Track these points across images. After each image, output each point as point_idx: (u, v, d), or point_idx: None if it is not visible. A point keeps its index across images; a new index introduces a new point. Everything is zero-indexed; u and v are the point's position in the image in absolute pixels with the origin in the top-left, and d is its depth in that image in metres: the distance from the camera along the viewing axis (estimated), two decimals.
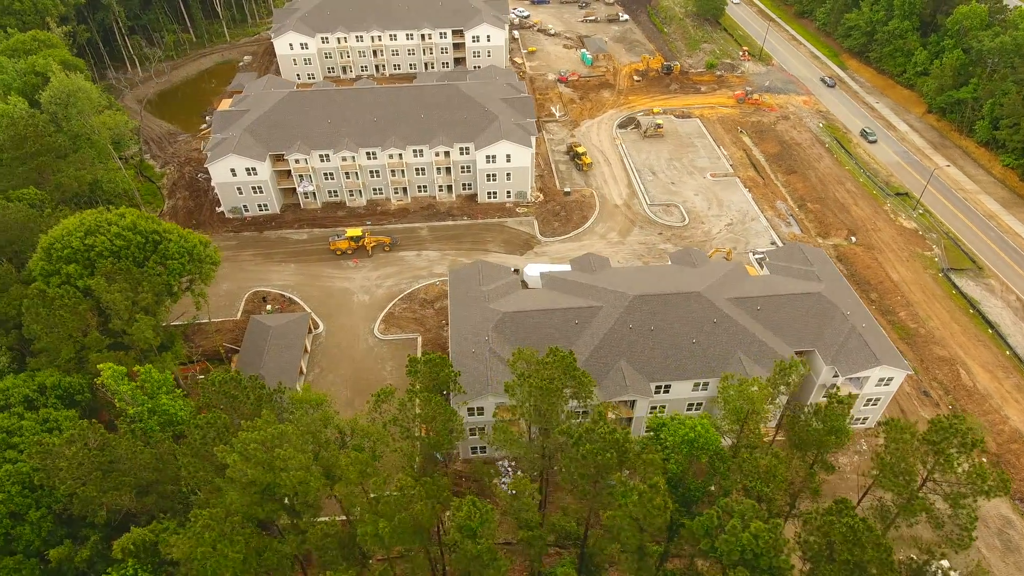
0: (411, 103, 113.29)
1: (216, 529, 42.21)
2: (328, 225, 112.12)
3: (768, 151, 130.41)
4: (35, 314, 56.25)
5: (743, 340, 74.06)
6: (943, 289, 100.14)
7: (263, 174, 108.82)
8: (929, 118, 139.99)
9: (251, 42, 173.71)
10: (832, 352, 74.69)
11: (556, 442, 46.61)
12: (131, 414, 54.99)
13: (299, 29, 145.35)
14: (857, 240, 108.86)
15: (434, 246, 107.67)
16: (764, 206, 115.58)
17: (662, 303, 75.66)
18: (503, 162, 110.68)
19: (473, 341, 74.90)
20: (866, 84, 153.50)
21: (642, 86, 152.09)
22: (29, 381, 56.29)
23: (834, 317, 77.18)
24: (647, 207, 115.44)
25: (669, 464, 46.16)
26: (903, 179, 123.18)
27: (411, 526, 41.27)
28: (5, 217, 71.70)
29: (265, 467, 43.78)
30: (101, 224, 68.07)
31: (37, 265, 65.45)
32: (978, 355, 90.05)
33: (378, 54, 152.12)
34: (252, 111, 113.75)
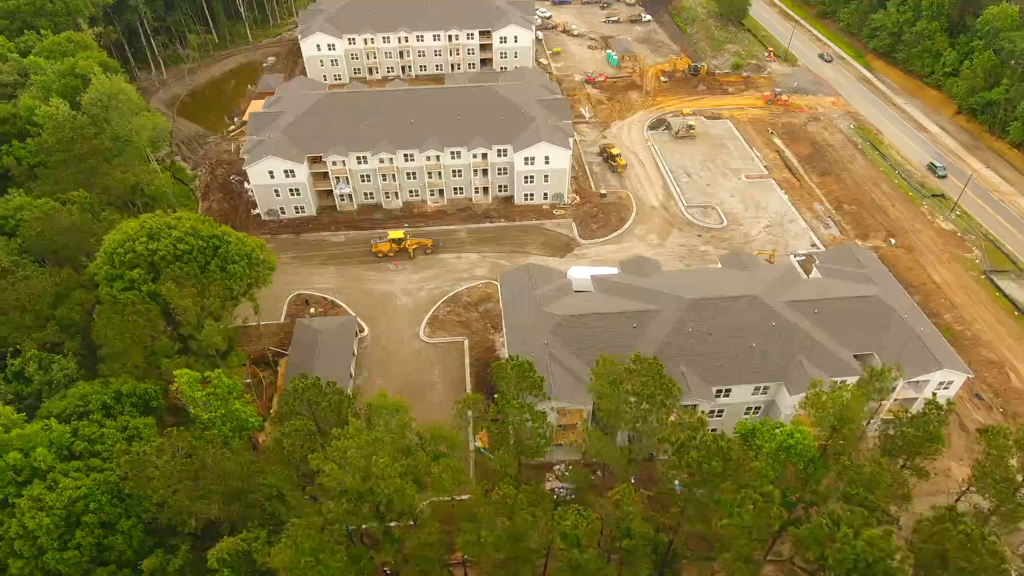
0: (447, 105, 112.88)
1: (315, 539, 41.80)
2: (365, 227, 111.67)
3: (800, 152, 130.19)
4: (107, 320, 55.74)
5: (803, 344, 73.77)
6: (986, 291, 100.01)
7: (301, 176, 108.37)
8: (959, 119, 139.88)
9: (273, 43, 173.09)
10: (892, 356, 74.22)
11: (647, 449, 46.23)
12: (205, 420, 54.54)
13: (326, 30, 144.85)
14: (896, 242, 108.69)
15: (473, 248, 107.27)
16: (801, 208, 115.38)
17: (720, 307, 75.34)
18: (541, 164, 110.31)
19: (531, 345, 74.49)
20: (893, 85, 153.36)
21: (669, 87, 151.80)
22: (105, 388, 55.74)
23: (892, 320, 76.90)
24: (684, 209, 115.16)
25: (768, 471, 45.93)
26: (937, 181, 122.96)
27: (513, 535, 40.89)
28: (61, 221, 71.13)
29: (363, 476, 43.38)
30: (162, 228, 67.58)
31: (101, 269, 64.93)
32: (1009, 351, 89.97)
33: (404, 55, 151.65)
34: (287, 113, 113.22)
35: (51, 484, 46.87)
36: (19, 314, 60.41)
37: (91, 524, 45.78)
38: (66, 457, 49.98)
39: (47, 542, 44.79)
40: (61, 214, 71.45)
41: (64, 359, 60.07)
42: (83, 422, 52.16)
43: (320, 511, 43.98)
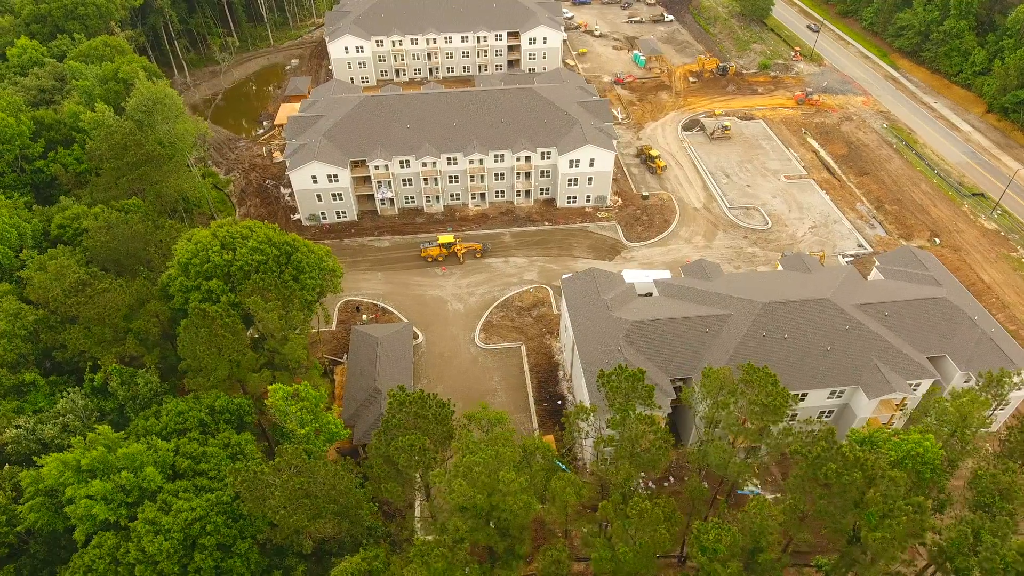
0: (489, 107, 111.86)
1: (447, 557, 40.88)
2: (408, 232, 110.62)
3: (836, 152, 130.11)
4: (195, 333, 54.51)
5: (877, 347, 73.38)
6: None
7: (344, 181, 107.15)
8: (990, 117, 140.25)
9: (295, 45, 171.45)
10: (965, 357, 74.22)
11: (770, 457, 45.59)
12: (301, 435, 53.44)
13: (354, 32, 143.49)
14: (941, 242, 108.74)
15: (520, 252, 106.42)
16: (844, 208, 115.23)
17: (792, 310, 74.83)
18: (586, 166, 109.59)
19: (604, 351, 73.77)
20: (920, 84, 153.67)
21: (698, 87, 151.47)
22: (198, 404, 54.47)
23: (961, 321, 76.70)
24: (727, 210, 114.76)
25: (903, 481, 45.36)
26: (974, 179, 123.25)
27: (653, 550, 40.16)
28: (124, 231, 69.67)
29: (489, 491, 42.49)
30: (236, 238, 66.31)
31: (175, 280, 63.58)
32: None
33: (432, 57, 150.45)
34: (326, 117, 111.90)
35: (163, 506, 45.60)
36: (98, 327, 59.02)
37: (209, 547, 44.52)
38: (170, 476, 48.73)
39: (168, 567, 43.46)
40: (123, 224, 70.00)
41: (147, 373, 58.71)
42: (183, 439, 50.88)
43: (446, 528, 43.04)
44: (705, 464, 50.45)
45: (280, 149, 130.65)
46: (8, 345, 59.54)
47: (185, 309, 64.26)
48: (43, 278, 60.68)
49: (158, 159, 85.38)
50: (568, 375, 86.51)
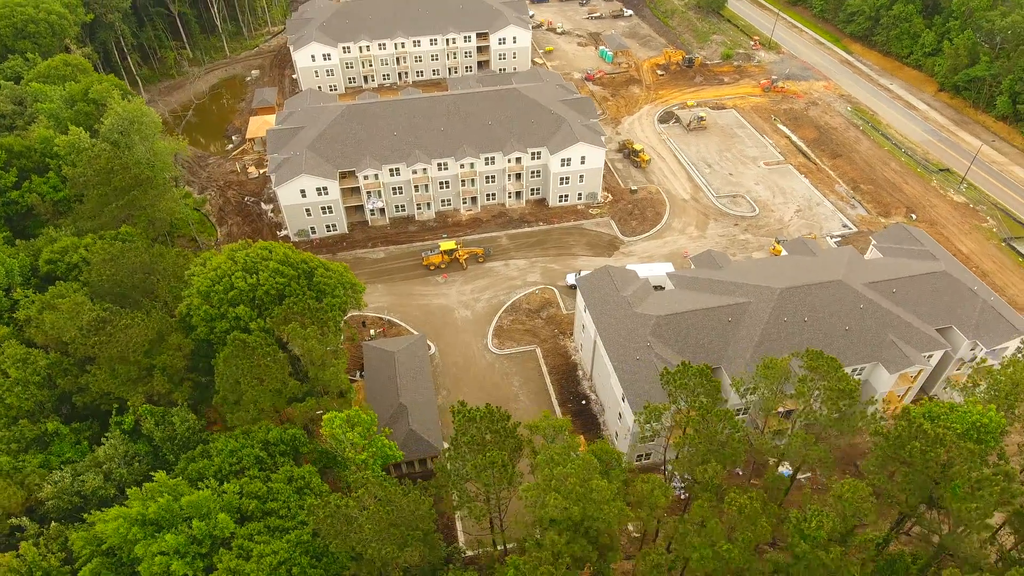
0: (475, 110, 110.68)
1: (552, 573, 40.06)
2: (402, 241, 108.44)
3: (807, 137, 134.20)
4: (236, 364, 51.71)
5: (891, 323, 75.99)
6: (1010, 257, 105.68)
7: (334, 193, 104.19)
8: (942, 96, 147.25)
9: (253, 55, 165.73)
10: (971, 327, 77.59)
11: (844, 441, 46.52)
12: (359, 461, 51.48)
13: (320, 40, 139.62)
14: (917, 217, 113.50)
15: (519, 254, 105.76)
16: (824, 190, 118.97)
17: (809, 294, 76.70)
18: (577, 164, 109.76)
19: (632, 348, 74.00)
20: (874, 67, 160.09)
21: (667, 80, 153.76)
22: (248, 439, 51.54)
23: (963, 293, 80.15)
24: (715, 199, 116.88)
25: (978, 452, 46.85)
26: (938, 155, 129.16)
27: (754, 543, 40.33)
28: (130, 262, 65.67)
29: (582, 502, 41.86)
30: (256, 260, 63.39)
31: (199, 310, 60.26)
32: None
33: (401, 61, 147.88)
34: (308, 128, 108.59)
35: (241, 552, 42.91)
36: (122, 366, 55.35)
37: None
38: (238, 520, 45.92)
39: None
40: (128, 254, 65.98)
41: (183, 411, 55.38)
42: (244, 479, 48.11)
43: (541, 543, 42.13)
44: (778, 454, 51.07)
45: (255, 164, 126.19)
46: (23, 393, 55.25)
47: (210, 339, 61.08)
48: (55, 318, 56.54)
49: (146, 182, 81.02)
50: (588, 375, 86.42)
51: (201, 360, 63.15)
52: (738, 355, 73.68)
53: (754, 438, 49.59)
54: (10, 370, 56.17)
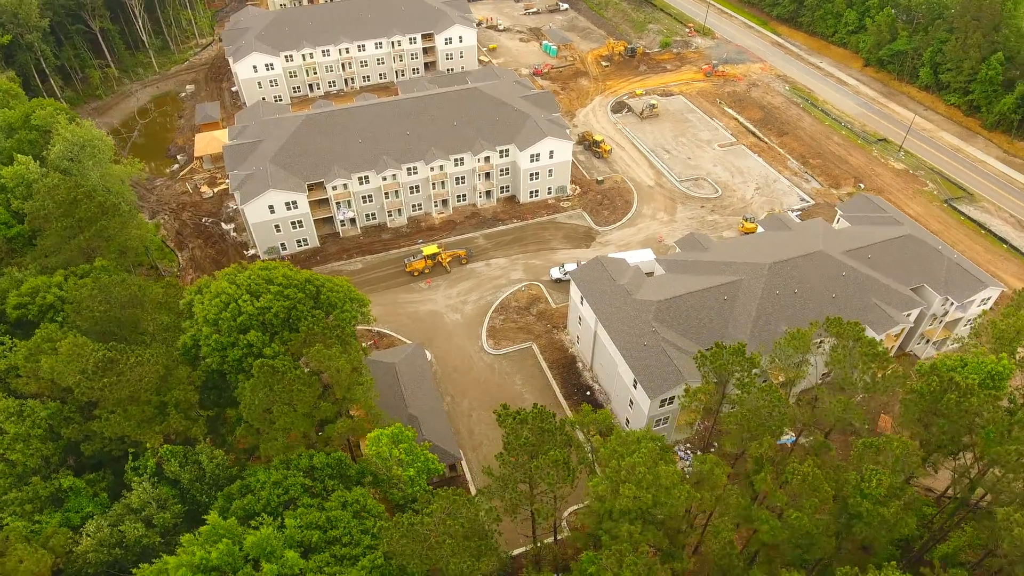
0: (439, 111, 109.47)
1: (636, 563, 40.36)
2: (377, 250, 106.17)
3: (753, 117, 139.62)
4: (266, 392, 49.26)
5: (872, 287, 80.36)
6: (953, 217, 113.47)
7: (303, 207, 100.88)
8: (868, 71, 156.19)
9: (184, 69, 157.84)
10: (941, 284, 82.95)
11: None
12: (408, 477, 50.19)
13: (261, 50, 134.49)
14: (865, 186, 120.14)
15: (499, 253, 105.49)
16: (778, 167, 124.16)
17: (795, 266, 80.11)
18: (546, 159, 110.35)
19: (638, 334, 75.28)
20: (803, 47, 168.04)
21: (612, 71, 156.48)
22: (293, 469, 48.94)
23: (930, 253, 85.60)
24: (678, 184, 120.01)
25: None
26: (874, 127, 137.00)
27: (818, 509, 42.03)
28: (121, 296, 61.51)
29: (653, 488, 42.38)
30: (258, 282, 60.59)
31: (210, 339, 57.01)
32: (1005, 267, 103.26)
33: (347, 67, 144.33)
34: (267, 141, 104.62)
35: None
36: (135, 407, 51.75)
37: None
38: (303, 553, 43.60)
39: None
40: (117, 288, 61.78)
41: (209, 448, 52.22)
42: (299, 510, 45.78)
43: (616, 535, 42.32)
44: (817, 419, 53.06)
45: (208, 183, 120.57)
46: (27, 450, 50.81)
47: (222, 370, 58.01)
48: (54, 363, 52.27)
49: (112, 210, 76.12)
50: (589, 365, 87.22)
51: (209, 392, 59.96)
52: (738, 331, 76.15)
53: (792, 408, 51.41)
54: (7, 426, 51.62)
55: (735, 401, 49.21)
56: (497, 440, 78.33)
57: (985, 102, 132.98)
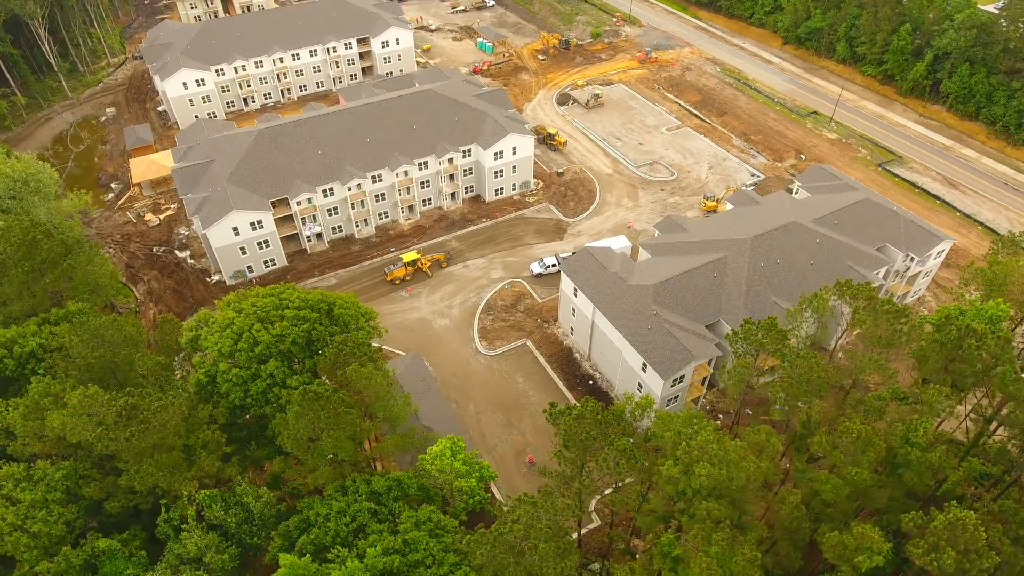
0: (397, 116, 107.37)
1: (723, 540, 41.39)
2: (348, 263, 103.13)
3: (691, 100, 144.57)
4: (312, 421, 46.93)
5: (844, 251, 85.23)
6: (889, 179, 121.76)
7: (269, 225, 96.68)
8: (787, 48, 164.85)
9: (99, 92, 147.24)
10: (902, 242, 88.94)
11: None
12: (469, 488, 49.23)
13: (190, 65, 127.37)
14: (806, 157, 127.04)
15: (475, 254, 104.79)
16: (725, 146, 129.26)
17: (774, 238, 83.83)
18: (510, 156, 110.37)
19: (640, 318, 76.80)
20: (724, 29, 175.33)
21: (549, 64, 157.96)
22: (356, 496, 46.53)
23: (887, 214, 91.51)
24: (635, 169, 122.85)
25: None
26: (803, 101, 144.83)
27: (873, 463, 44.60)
28: (114, 338, 56.96)
29: (725, 464, 43.57)
30: (268, 309, 57.60)
31: (230, 373, 53.63)
32: (942, 221, 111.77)
33: (282, 77, 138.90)
34: (219, 160, 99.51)
35: None
36: (165, 455, 48.02)
37: None
38: None
39: None
40: (111, 329, 57.19)
41: (250, 487, 49.05)
42: (372, 537, 43.63)
43: (694, 515, 43.18)
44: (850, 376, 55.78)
45: (152, 210, 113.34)
46: (49, 517, 46.16)
47: (245, 404, 54.87)
48: (65, 418, 47.77)
49: (76, 247, 70.48)
50: (587, 355, 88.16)
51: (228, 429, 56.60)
52: (732, 306, 79.07)
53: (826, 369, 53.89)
54: (20, 494, 46.80)
55: (776, 371, 51.01)
56: (511, 441, 78.57)
57: (898, 71, 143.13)
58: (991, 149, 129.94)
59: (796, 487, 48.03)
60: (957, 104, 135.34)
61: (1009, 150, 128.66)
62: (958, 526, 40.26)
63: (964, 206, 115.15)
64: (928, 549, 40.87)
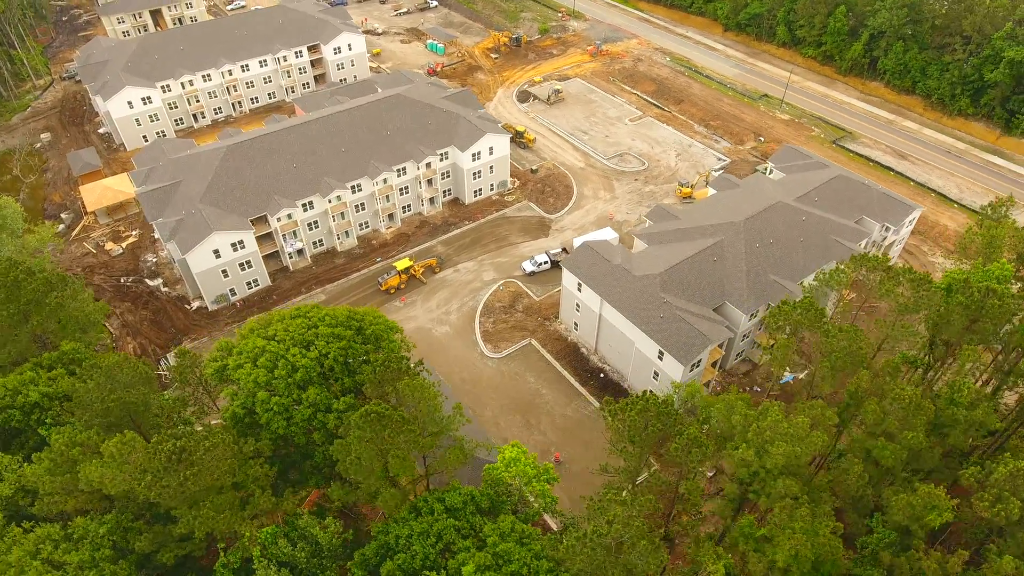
0: (369, 123, 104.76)
1: (803, 515, 42.46)
2: (336, 277, 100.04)
3: (647, 90, 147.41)
4: (376, 445, 44.96)
5: (828, 226, 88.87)
6: (844, 155, 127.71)
7: (251, 245, 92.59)
8: (729, 35, 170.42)
9: (28, 117, 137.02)
10: (879, 213, 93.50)
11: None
12: (540, 490, 48.53)
13: (135, 83, 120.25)
14: (764, 139, 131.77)
15: (463, 257, 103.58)
16: (688, 133, 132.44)
17: (765, 219, 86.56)
18: (487, 156, 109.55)
19: (649, 307, 77.82)
20: (666, 19, 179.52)
21: (503, 62, 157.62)
22: (436, 516, 44.63)
23: (860, 188, 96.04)
24: (605, 161, 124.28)
25: None
26: (753, 85, 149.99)
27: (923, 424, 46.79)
28: (128, 377, 53.14)
29: (794, 440, 44.74)
30: (299, 331, 54.98)
31: (269, 402, 50.70)
32: (899, 191, 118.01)
33: (232, 90, 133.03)
34: (187, 181, 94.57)
35: None
36: (223, 496, 44.98)
37: None
38: None
39: None
40: (124, 368, 53.27)
41: (310, 519, 46.50)
42: (461, 556, 42.04)
43: (773, 493, 44.07)
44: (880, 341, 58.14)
45: (112, 239, 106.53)
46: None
47: (287, 435, 52.21)
48: (102, 469, 44.10)
49: (60, 283, 65.49)
50: (594, 349, 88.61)
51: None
52: (735, 288, 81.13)
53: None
54: (60, 556, 42.84)
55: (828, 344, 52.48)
56: (533, 442, 78.20)
57: (837, 51, 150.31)
58: (929, 120, 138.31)
59: (843, 458, 49.88)
60: (894, 80, 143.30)
61: (945, 120, 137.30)
62: (1019, 475, 42.67)
63: (916, 176, 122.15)
64: (993, 501, 43.12)
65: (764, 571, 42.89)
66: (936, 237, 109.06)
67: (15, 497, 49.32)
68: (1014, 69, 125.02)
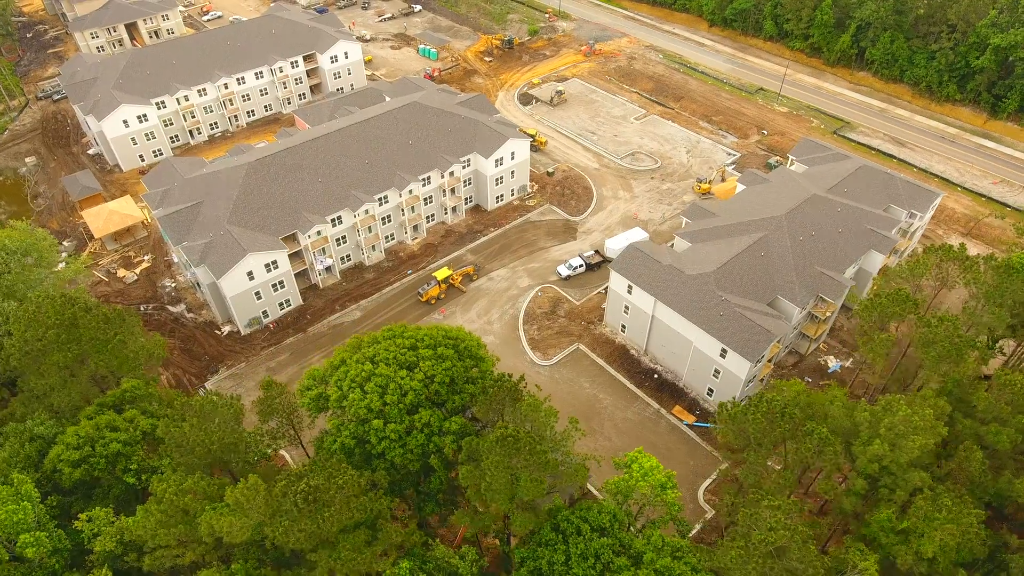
0: (388, 132, 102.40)
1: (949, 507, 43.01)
2: (368, 293, 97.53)
3: (646, 88, 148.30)
4: (511, 467, 43.56)
5: (862, 217, 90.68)
6: (847, 145, 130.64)
7: (284, 265, 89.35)
8: (715, 31, 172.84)
9: (9, 141, 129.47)
10: (904, 201, 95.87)
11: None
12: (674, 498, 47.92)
13: (129, 100, 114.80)
14: (768, 132, 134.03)
15: (495, 264, 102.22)
16: (695, 129, 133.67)
17: (803, 211, 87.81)
18: (509, 162, 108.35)
19: (707, 306, 78.04)
20: (651, 16, 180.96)
21: (498, 65, 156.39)
22: (578, 539, 43.20)
23: (884, 177, 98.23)
24: (619, 161, 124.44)
25: None
26: (747, 79, 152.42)
27: None
28: (225, 416, 50.40)
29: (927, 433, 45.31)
30: (402, 350, 52.89)
31: (385, 430, 48.50)
32: None
33: (228, 104, 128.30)
34: (208, 201, 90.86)
35: None
36: (356, 534, 42.65)
37: None
38: None
39: None
40: (220, 408, 50.43)
41: (444, 548, 44.62)
42: (625, 573, 40.88)
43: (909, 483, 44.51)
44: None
45: (123, 265, 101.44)
46: None
47: (404, 462, 50.13)
48: (227, 518, 41.41)
49: (116, 317, 61.82)
50: (644, 350, 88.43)
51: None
52: (786, 281, 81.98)
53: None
54: None
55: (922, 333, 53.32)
56: (600, 448, 77.35)
57: (825, 43, 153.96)
58: (918, 108, 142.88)
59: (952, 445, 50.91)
60: (882, 69, 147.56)
61: (934, 107, 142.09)
62: None
63: (917, 162, 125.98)
64: None
65: (912, 563, 43.35)
66: (947, 220, 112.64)
67: (121, 552, 46.15)
68: (999, 55, 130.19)
